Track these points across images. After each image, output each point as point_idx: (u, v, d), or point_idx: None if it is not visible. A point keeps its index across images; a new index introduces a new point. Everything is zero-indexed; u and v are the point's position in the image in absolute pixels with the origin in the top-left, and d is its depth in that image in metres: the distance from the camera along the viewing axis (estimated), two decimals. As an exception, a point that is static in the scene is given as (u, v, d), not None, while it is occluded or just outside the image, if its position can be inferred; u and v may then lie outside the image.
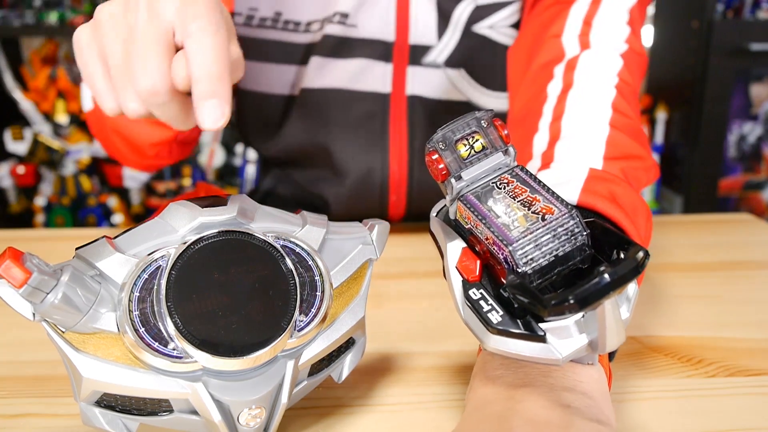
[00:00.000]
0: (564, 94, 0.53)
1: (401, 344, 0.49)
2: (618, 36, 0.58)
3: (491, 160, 0.35)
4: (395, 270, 0.64)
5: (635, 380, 0.44)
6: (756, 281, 0.62)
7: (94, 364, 0.32)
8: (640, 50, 0.59)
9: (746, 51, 2.00)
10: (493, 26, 0.69)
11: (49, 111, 2.18)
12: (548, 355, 0.31)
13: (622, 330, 0.30)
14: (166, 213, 0.37)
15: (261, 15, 0.70)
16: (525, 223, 0.32)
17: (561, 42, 0.59)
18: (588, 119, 0.51)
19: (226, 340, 0.33)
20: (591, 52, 0.57)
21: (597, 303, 0.28)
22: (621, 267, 0.28)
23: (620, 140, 0.49)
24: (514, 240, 0.31)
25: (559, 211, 0.32)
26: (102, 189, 2.27)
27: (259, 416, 0.34)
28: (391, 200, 0.76)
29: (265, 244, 0.36)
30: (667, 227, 0.79)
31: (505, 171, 0.35)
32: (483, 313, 0.32)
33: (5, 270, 0.30)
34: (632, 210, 0.43)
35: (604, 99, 0.52)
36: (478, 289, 0.33)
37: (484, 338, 0.32)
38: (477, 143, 0.35)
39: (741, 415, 0.40)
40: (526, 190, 0.34)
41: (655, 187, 2.32)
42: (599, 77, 0.55)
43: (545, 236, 0.32)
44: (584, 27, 0.59)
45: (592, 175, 0.44)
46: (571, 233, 0.32)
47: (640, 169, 0.48)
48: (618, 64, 0.56)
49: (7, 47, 2.21)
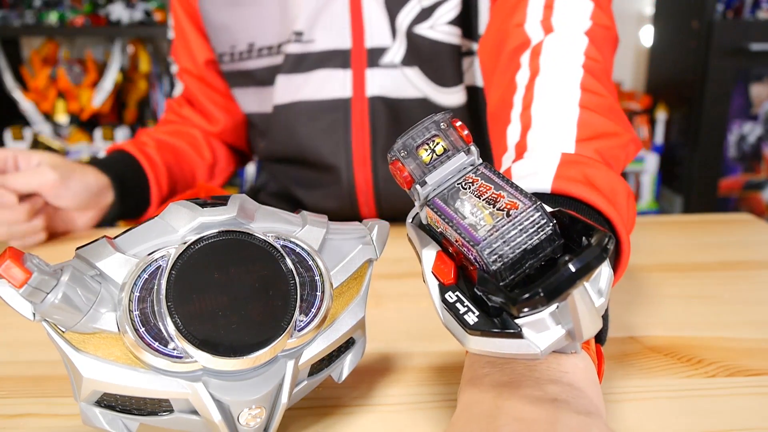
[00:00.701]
0: (531, 82, 0.53)
1: (401, 344, 0.49)
2: (581, 14, 0.57)
3: (454, 161, 0.35)
4: (395, 270, 0.64)
5: (635, 380, 0.44)
6: (756, 281, 0.62)
7: (95, 364, 0.32)
8: (607, 23, 0.58)
9: (746, 51, 2.00)
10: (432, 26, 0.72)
11: (49, 111, 2.18)
12: (527, 350, 0.31)
13: (597, 317, 0.30)
14: (166, 213, 0.37)
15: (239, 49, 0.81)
16: (491, 221, 0.32)
17: (524, 30, 0.58)
18: (557, 104, 0.50)
19: (226, 340, 0.33)
20: (554, 36, 0.56)
21: (565, 294, 0.28)
22: (585, 255, 0.28)
23: (592, 120, 0.48)
24: (481, 239, 0.32)
25: (523, 205, 0.32)
26: (102, 189, 2.26)
27: (259, 416, 0.34)
28: (360, 201, 0.79)
29: (265, 244, 0.36)
30: (667, 227, 0.79)
31: (470, 170, 0.35)
32: (460, 315, 0.32)
33: (5, 270, 0.30)
34: (611, 191, 0.42)
35: (571, 81, 0.51)
36: (453, 291, 0.33)
37: (464, 340, 0.32)
38: (438, 146, 0.35)
39: (741, 415, 0.40)
40: (490, 188, 0.34)
41: (655, 187, 2.32)
42: (565, 59, 0.54)
43: (512, 231, 0.32)
44: (546, 11, 0.58)
45: (564, 161, 0.43)
46: (537, 225, 0.32)
47: (616, 147, 0.48)
48: (583, 43, 0.55)
49: (7, 47, 2.21)
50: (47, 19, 2.09)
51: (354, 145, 0.77)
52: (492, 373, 0.34)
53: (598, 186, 0.41)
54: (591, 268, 0.28)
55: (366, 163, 0.77)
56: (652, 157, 2.26)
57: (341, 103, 0.76)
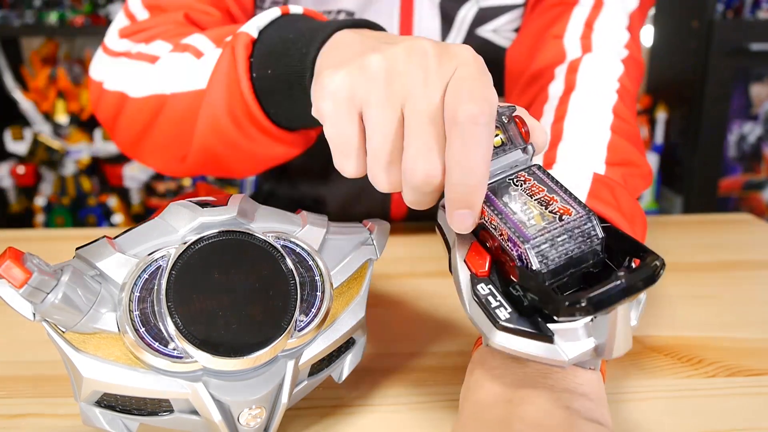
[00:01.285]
0: (566, 95, 0.54)
1: (401, 344, 0.49)
2: (619, 41, 0.59)
3: (509, 156, 0.35)
4: (395, 270, 0.64)
5: (635, 380, 0.44)
6: (756, 281, 0.62)
7: (95, 364, 0.32)
8: (638, 57, 0.60)
9: (746, 51, 2.00)
10: (497, 30, 0.69)
11: (49, 111, 2.18)
12: (554, 356, 0.30)
13: (630, 337, 0.30)
14: (166, 213, 0.37)
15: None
16: (541, 221, 0.32)
17: (562, 43, 0.59)
18: (590, 122, 0.51)
19: (227, 340, 0.33)
20: (593, 56, 0.57)
21: (611, 307, 0.28)
22: (638, 273, 0.28)
23: (620, 146, 0.49)
24: (531, 237, 0.31)
25: (576, 213, 0.32)
26: (102, 189, 2.27)
27: (260, 416, 0.34)
28: (394, 197, 0.76)
29: (265, 244, 0.36)
30: (667, 227, 0.79)
31: (523, 169, 0.35)
32: (491, 308, 0.32)
33: (6, 270, 0.30)
34: (631, 217, 0.43)
35: (605, 103, 0.52)
36: (486, 284, 0.33)
37: (490, 334, 0.32)
38: (496, 138, 0.35)
39: (741, 415, 0.40)
40: (543, 189, 0.34)
41: (655, 187, 2.32)
42: (601, 81, 0.55)
43: (562, 236, 0.31)
44: (586, 29, 0.59)
45: (596, 180, 0.44)
46: (587, 236, 0.32)
47: (638, 176, 0.49)
48: (619, 70, 0.56)
49: (7, 47, 2.21)
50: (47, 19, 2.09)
51: None
52: (505, 375, 0.34)
53: (623, 210, 0.42)
54: (642, 288, 0.28)
55: None
56: (652, 157, 2.26)
57: None
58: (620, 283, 0.28)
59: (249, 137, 0.50)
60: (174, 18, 0.61)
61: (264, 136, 0.50)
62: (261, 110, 0.47)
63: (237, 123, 0.49)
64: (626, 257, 0.32)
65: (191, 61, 0.52)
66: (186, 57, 0.53)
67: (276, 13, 0.47)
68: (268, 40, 0.46)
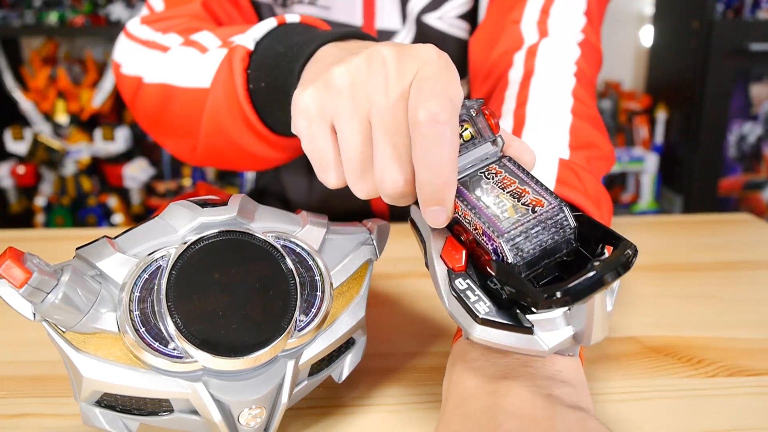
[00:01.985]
0: (526, 80, 0.54)
1: (401, 344, 0.49)
2: (575, 26, 0.59)
3: (480, 149, 0.35)
4: (395, 270, 0.64)
5: (635, 380, 0.44)
6: (756, 281, 0.62)
7: (95, 364, 0.32)
8: (596, 43, 0.60)
9: (746, 51, 2.00)
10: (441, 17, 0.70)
11: (49, 111, 2.18)
12: (534, 346, 0.31)
13: (607, 323, 0.31)
14: (166, 213, 0.37)
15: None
16: (515, 214, 0.32)
17: (520, 28, 0.59)
18: (551, 108, 0.51)
19: (227, 340, 0.33)
20: (550, 40, 0.57)
21: (588, 297, 0.28)
22: (613, 262, 0.28)
23: (582, 129, 0.49)
24: (505, 231, 0.31)
25: (549, 204, 0.32)
26: (102, 189, 2.27)
27: (260, 416, 0.34)
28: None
29: (265, 244, 0.36)
30: (667, 227, 0.79)
31: (493, 161, 0.35)
32: (470, 303, 0.32)
33: (6, 270, 0.30)
34: (597, 200, 0.44)
35: (564, 87, 0.53)
36: (464, 279, 0.33)
37: (470, 328, 0.32)
38: (466, 132, 0.35)
39: (741, 415, 0.40)
40: (515, 181, 0.34)
41: (655, 187, 2.32)
42: (559, 65, 0.55)
43: (535, 228, 0.32)
44: (542, 15, 0.59)
45: (562, 165, 0.44)
46: (560, 226, 0.32)
47: (600, 158, 0.50)
48: (576, 53, 0.57)
49: (7, 47, 2.21)
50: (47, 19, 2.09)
51: None
52: (486, 367, 0.34)
53: (589, 193, 0.43)
54: (617, 275, 0.28)
55: None
56: (652, 157, 2.26)
57: None
58: (595, 273, 0.28)
59: (249, 141, 0.52)
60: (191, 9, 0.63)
61: (263, 143, 0.51)
62: (259, 120, 0.49)
63: (237, 128, 0.51)
64: (599, 244, 0.32)
65: (197, 57, 0.54)
66: (192, 53, 0.55)
67: (272, 23, 0.49)
68: (263, 53, 0.47)
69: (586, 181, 0.44)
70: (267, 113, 0.48)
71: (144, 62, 0.60)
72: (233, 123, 0.51)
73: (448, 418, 0.33)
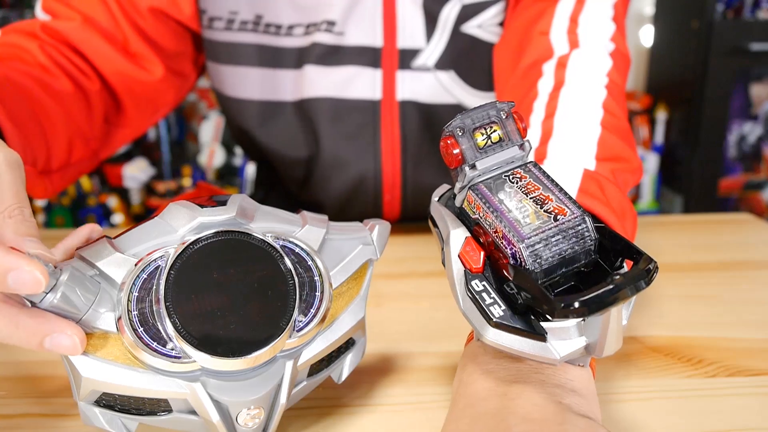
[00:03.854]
0: (556, 91, 0.54)
1: (401, 344, 0.49)
2: (604, 34, 0.59)
3: (507, 152, 0.35)
4: (395, 270, 0.64)
5: (635, 380, 0.44)
6: (756, 281, 0.62)
7: (94, 364, 0.32)
8: (624, 50, 0.60)
9: (746, 51, 2.00)
10: (481, 25, 0.69)
11: (49, 111, 2.18)
12: (546, 354, 0.31)
13: (621, 336, 0.31)
14: (165, 213, 0.37)
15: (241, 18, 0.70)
16: (536, 221, 0.32)
17: (549, 39, 0.59)
18: (580, 118, 0.51)
19: (225, 340, 0.33)
20: (581, 51, 0.57)
21: (605, 309, 0.28)
22: (633, 277, 0.28)
23: (610, 141, 0.49)
24: (526, 237, 0.31)
25: (571, 213, 0.32)
26: (102, 189, 2.27)
27: (258, 416, 0.34)
28: (385, 200, 0.76)
29: (264, 244, 0.36)
30: (667, 227, 0.79)
31: (519, 165, 0.35)
32: (485, 305, 0.32)
33: (4, 270, 0.30)
34: (621, 212, 0.43)
35: (595, 99, 0.53)
36: (480, 281, 0.33)
37: (483, 331, 0.32)
38: (494, 134, 0.35)
39: (741, 415, 0.40)
40: (539, 188, 0.34)
41: (655, 187, 2.32)
42: (590, 77, 0.55)
43: (556, 236, 0.32)
44: (571, 24, 0.59)
45: (586, 176, 0.44)
46: (581, 236, 0.32)
47: (628, 171, 0.49)
48: (607, 64, 0.56)
49: (7, 47, 2.20)
50: (47, 19, 2.09)
51: (383, 151, 0.73)
52: (498, 370, 0.34)
53: (612, 206, 0.42)
54: (637, 290, 0.28)
55: (395, 170, 0.74)
56: (652, 157, 2.26)
57: (370, 105, 0.72)
58: (614, 287, 0.28)
59: None
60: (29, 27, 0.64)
61: None
62: None
63: None
64: (618, 258, 0.32)
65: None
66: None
67: None
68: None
69: (609, 193, 0.44)
70: None
71: None
72: None
73: (456, 416, 0.33)
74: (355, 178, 0.75)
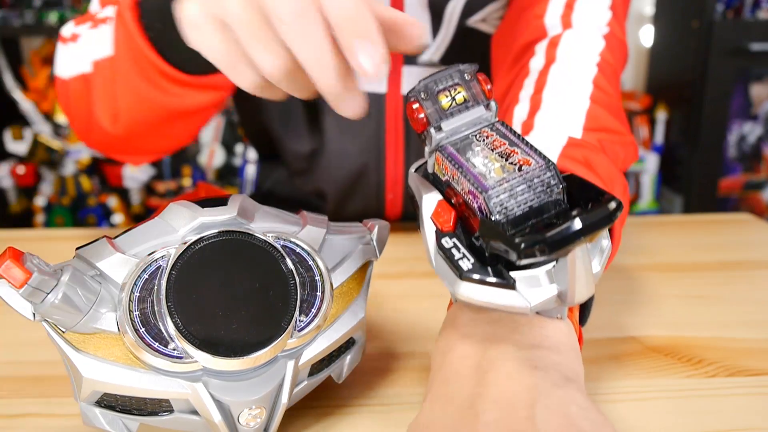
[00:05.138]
0: (546, 68, 0.54)
1: (401, 344, 0.49)
2: (600, 19, 0.59)
3: (472, 113, 0.35)
4: (395, 270, 0.64)
5: (635, 380, 0.44)
6: (756, 281, 0.62)
7: (95, 364, 0.32)
8: (621, 37, 0.60)
9: (746, 51, 2.00)
10: (485, 19, 0.70)
11: (49, 111, 2.18)
12: (517, 302, 0.30)
13: (592, 282, 0.30)
14: (166, 213, 0.37)
15: None
16: (501, 173, 0.32)
17: (543, 22, 0.59)
18: (569, 92, 0.51)
19: (227, 340, 0.33)
20: (573, 31, 0.57)
21: (568, 248, 0.28)
22: (593, 214, 0.28)
23: (599, 114, 0.49)
24: (489, 188, 0.31)
25: (536, 163, 0.32)
26: (102, 189, 2.27)
27: (259, 416, 0.34)
28: (388, 198, 0.77)
29: (265, 245, 0.36)
30: (667, 227, 0.79)
31: (486, 125, 0.35)
32: (455, 260, 0.32)
33: (5, 270, 0.30)
34: (609, 179, 0.43)
35: (585, 75, 0.53)
36: (450, 238, 0.33)
37: (455, 286, 0.32)
38: (459, 95, 0.35)
39: (741, 415, 0.40)
40: (504, 143, 0.34)
41: (655, 187, 2.32)
42: (581, 54, 0.55)
43: (520, 186, 0.32)
44: (566, 9, 0.59)
45: (570, 143, 0.44)
46: (547, 185, 0.32)
47: (618, 143, 0.49)
48: (600, 44, 0.56)
49: (7, 47, 2.20)
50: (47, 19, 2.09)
51: (387, 144, 0.74)
52: (474, 334, 0.34)
53: (598, 172, 0.42)
54: (598, 227, 0.28)
55: (398, 164, 0.74)
56: (652, 157, 2.26)
57: (375, 99, 0.72)
58: (575, 222, 0.28)
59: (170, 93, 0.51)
60: None
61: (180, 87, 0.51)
62: (167, 64, 0.49)
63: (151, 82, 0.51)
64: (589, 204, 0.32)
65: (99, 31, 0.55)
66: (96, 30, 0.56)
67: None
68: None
69: (594, 160, 0.43)
70: (173, 54, 0.48)
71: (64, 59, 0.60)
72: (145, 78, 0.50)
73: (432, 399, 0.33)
74: (357, 170, 0.75)
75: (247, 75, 0.34)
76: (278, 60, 0.33)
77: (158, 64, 0.49)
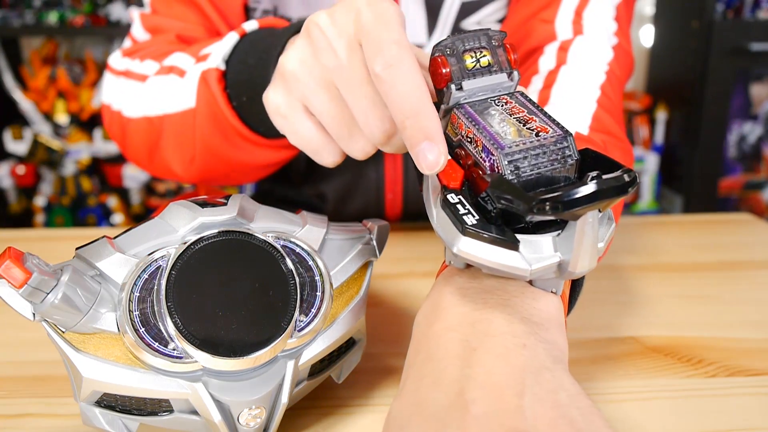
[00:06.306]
0: (556, 69, 0.55)
1: (401, 344, 0.49)
2: (608, 29, 0.60)
3: (494, 78, 0.35)
4: (395, 270, 0.64)
5: (635, 380, 0.44)
6: (756, 281, 0.62)
7: (95, 364, 0.32)
8: (627, 47, 0.61)
9: (746, 51, 2.00)
10: (480, 22, 0.70)
11: (48, 111, 2.18)
12: (518, 263, 0.30)
13: (595, 256, 0.30)
14: (166, 213, 0.37)
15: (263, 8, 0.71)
16: (518, 136, 0.32)
17: (554, 27, 0.60)
18: (577, 94, 0.52)
19: (226, 340, 0.33)
20: (585, 38, 0.58)
21: (581, 209, 0.27)
22: (609, 181, 0.28)
23: (604, 118, 0.50)
24: (505, 146, 0.31)
25: (554, 131, 0.32)
26: (102, 189, 2.27)
27: (259, 416, 0.34)
28: (388, 198, 0.77)
29: (265, 244, 0.36)
30: (667, 227, 0.79)
31: (506, 93, 0.35)
32: (459, 214, 0.31)
33: (5, 270, 0.30)
34: None
35: (594, 80, 0.54)
36: (456, 194, 0.32)
37: (455, 241, 0.31)
38: (484, 59, 0.34)
39: (741, 415, 0.40)
40: (523, 111, 0.33)
41: (655, 187, 2.32)
42: (591, 60, 0.56)
43: (536, 150, 0.31)
44: (576, 17, 0.60)
45: (576, 137, 0.45)
46: (562, 154, 0.31)
47: (619, 148, 0.50)
48: (609, 54, 0.57)
49: (7, 47, 2.21)
50: (47, 19, 2.09)
51: None
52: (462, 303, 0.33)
53: None
54: (612, 195, 0.28)
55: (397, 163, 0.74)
56: (652, 157, 2.26)
57: None
58: (590, 185, 0.27)
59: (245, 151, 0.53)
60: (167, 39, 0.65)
61: (260, 149, 0.53)
62: (250, 131, 0.51)
63: (229, 141, 0.52)
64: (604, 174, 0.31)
65: (176, 82, 0.55)
66: (171, 79, 0.56)
67: (234, 38, 0.50)
68: (235, 70, 0.49)
69: None
70: (257, 123, 0.49)
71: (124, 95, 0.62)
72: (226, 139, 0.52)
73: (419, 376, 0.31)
74: (357, 170, 0.75)
75: (329, 159, 0.39)
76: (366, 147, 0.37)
77: (240, 129, 0.50)
